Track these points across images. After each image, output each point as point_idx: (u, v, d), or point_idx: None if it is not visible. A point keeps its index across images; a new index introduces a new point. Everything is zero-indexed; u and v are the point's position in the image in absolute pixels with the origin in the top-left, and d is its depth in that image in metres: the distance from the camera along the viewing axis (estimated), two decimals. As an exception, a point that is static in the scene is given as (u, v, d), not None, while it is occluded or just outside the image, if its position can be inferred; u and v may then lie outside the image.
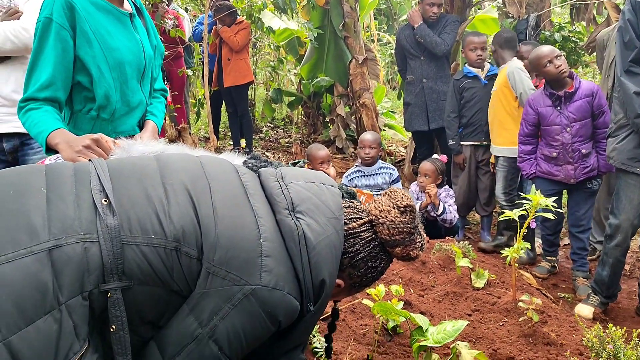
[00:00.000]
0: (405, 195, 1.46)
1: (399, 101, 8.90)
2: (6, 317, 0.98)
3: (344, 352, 2.20)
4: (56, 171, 1.22)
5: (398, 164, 6.45)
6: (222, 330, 1.17)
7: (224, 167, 1.37)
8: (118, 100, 1.98)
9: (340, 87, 6.99)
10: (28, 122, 1.80)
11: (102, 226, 1.11)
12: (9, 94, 2.62)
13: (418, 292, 2.93)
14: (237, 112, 6.75)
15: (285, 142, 8.03)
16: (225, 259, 1.18)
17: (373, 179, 4.53)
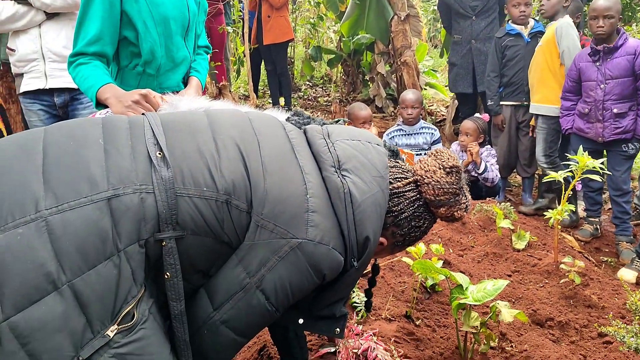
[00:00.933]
0: (452, 156, 1.45)
1: (441, 59, 8.71)
2: (70, 261, 1.04)
3: (383, 307, 2.24)
4: (112, 124, 1.26)
5: (439, 124, 6.36)
6: (269, 281, 1.21)
7: (271, 123, 1.38)
8: (163, 55, 2.00)
9: (381, 45, 6.86)
10: (78, 77, 1.84)
11: (157, 178, 1.15)
12: (60, 50, 2.69)
13: (457, 252, 2.93)
14: (276, 70, 6.72)
15: (324, 100, 7.99)
16: (273, 213, 1.21)
17: (414, 139, 4.49)
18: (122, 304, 1.08)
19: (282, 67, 6.71)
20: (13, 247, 1.01)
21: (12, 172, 1.10)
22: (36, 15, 2.68)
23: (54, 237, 1.03)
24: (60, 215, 1.05)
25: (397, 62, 6.48)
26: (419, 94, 4.70)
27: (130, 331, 1.09)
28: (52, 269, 1.02)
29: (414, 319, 2.21)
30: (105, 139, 1.20)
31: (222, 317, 1.23)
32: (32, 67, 2.75)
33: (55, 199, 1.06)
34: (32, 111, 2.85)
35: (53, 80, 2.72)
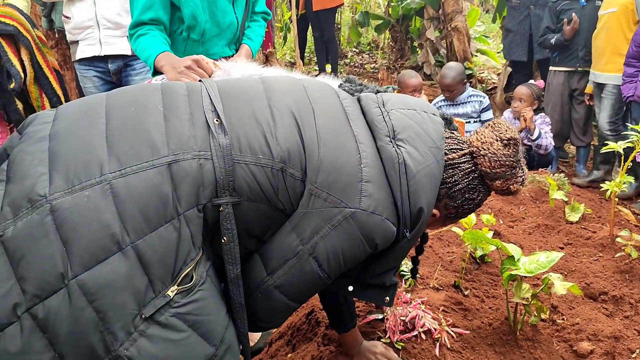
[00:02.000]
0: (510, 127, 1.41)
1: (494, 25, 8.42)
2: (133, 223, 1.07)
3: (431, 277, 2.24)
4: (171, 90, 1.28)
5: (489, 92, 6.19)
6: (321, 249, 1.22)
7: (325, 91, 1.37)
8: (207, 20, 2.00)
9: (431, 10, 6.69)
10: (139, 49, 1.88)
11: (215, 144, 1.17)
12: (114, 17, 2.73)
13: (508, 223, 2.89)
14: (324, 37, 6.65)
15: (370, 67, 7.89)
16: (327, 181, 1.21)
17: (462, 108, 4.39)
18: (182, 266, 1.12)
19: (330, 33, 6.64)
20: (80, 209, 1.05)
21: (78, 137, 1.14)
22: None
23: (118, 200, 1.07)
24: (123, 179, 1.09)
25: (447, 28, 6.31)
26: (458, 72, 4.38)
27: (189, 292, 1.13)
28: (116, 230, 1.06)
29: (462, 289, 2.20)
30: (164, 105, 1.22)
31: (276, 282, 1.26)
32: (87, 35, 2.81)
33: (118, 163, 1.10)
34: (86, 77, 2.93)
35: (107, 47, 2.78)
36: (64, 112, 1.22)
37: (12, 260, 1.04)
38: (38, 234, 1.04)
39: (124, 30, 2.75)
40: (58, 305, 1.03)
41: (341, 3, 6.67)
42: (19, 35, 2.53)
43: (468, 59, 6.14)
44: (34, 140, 1.16)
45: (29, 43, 2.57)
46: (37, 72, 2.63)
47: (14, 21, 2.53)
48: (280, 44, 8.05)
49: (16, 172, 1.11)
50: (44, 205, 1.05)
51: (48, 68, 2.70)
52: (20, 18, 2.57)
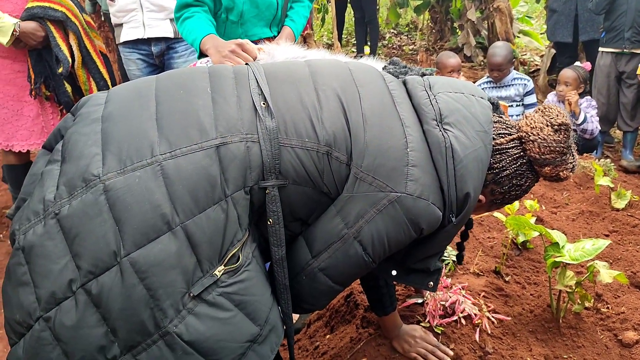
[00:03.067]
0: (561, 112, 1.37)
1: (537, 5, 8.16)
2: (183, 204, 1.10)
3: (471, 262, 2.22)
4: (218, 73, 1.29)
5: (532, 74, 6.03)
6: (366, 233, 1.23)
7: (371, 74, 1.36)
8: (245, 2, 2.00)
9: (472, -10, 6.53)
10: (185, 32, 1.90)
11: (262, 127, 1.18)
12: (157, 0, 2.76)
13: (550, 209, 2.83)
14: (365, 18, 6.57)
15: (409, 49, 7.78)
16: (373, 165, 1.20)
17: (505, 91, 4.29)
18: (229, 246, 1.14)
19: (371, 14, 6.55)
20: (132, 189, 1.08)
21: (129, 119, 1.17)
22: None
23: (168, 181, 1.09)
24: (173, 160, 1.11)
25: (489, 9, 6.16)
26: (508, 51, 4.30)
27: (236, 272, 1.15)
28: (166, 210, 1.08)
29: (503, 275, 2.18)
30: (212, 88, 1.23)
31: (320, 265, 1.27)
32: (131, 17, 2.84)
33: (168, 145, 1.12)
34: (130, 60, 2.98)
35: (151, 29, 2.81)
36: (116, 95, 1.25)
37: (68, 237, 1.08)
38: (92, 213, 1.07)
39: (167, 13, 2.78)
40: (111, 281, 1.06)
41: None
42: (67, 21, 2.58)
43: (510, 40, 5.98)
44: (88, 121, 1.19)
45: (77, 29, 2.62)
46: (85, 57, 2.69)
47: (63, 7, 2.59)
48: (318, 25, 8.01)
49: (71, 153, 1.15)
50: (97, 185, 1.08)
51: (95, 52, 2.75)
52: (68, 4, 2.62)
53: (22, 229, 1.12)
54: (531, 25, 7.41)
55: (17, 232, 1.13)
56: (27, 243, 1.10)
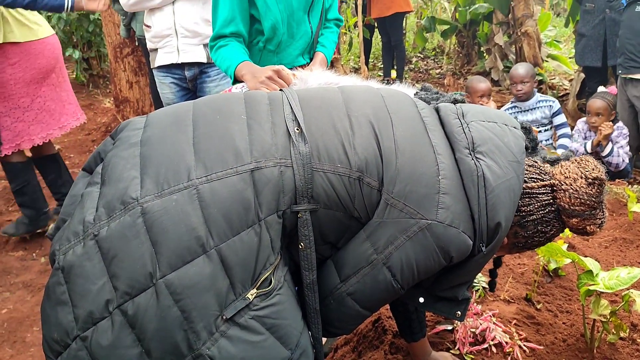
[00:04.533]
0: (598, 167, 1.35)
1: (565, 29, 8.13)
2: (217, 227, 1.12)
3: (501, 289, 2.18)
4: (254, 99, 1.32)
5: (561, 98, 5.97)
6: (396, 259, 1.23)
7: (403, 101, 1.37)
8: (284, 32, 2.04)
9: (500, 14, 6.53)
10: (219, 59, 1.95)
11: (295, 152, 1.20)
12: (191, 26, 2.84)
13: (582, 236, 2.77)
14: (391, 42, 6.63)
15: (436, 73, 7.79)
16: (404, 192, 1.21)
17: (531, 114, 4.26)
18: (261, 270, 1.15)
19: (397, 38, 6.61)
20: (169, 212, 1.10)
21: (167, 143, 1.20)
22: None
23: (204, 204, 1.12)
24: (209, 184, 1.13)
25: (517, 33, 6.14)
26: (530, 67, 4.36)
27: (268, 296, 1.16)
28: (202, 233, 1.10)
29: (534, 303, 2.14)
30: (247, 114, 1.26)
31: (349, 290, 1.27)
32: (166, 43, 2.92)
33: (205, 169, 1.15)
34: (164, 84, 3.05)
35: (185, 54, 2.89)
36: (155, 119, 1.29)
37: (106, 258, 1.11)
38: (130, 235, 1.10)
39: (201, 39, 2.85)
40: (146, 303, 1.08)
41: (401, 11, 6.61)
42: None
43: (539, 64, 5.96)
44: (127, 145, 1.23)
45: None
46: None
47: None
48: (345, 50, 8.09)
49: (111, 175, 1.18)
50: (135, 207, 1.11)
51: None
52: None
53: (62, 249, 1.15)
54: (560, 50, 7.37)
55: (57, 252, 1.17)
56: (67, 263, 1.13)
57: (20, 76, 2.93)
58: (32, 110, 3.01)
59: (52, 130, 3.12)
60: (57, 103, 3.14)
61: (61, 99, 3.17)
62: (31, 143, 3.03)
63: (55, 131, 3.14)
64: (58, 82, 3.15)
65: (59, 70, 3.15)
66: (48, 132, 3.10)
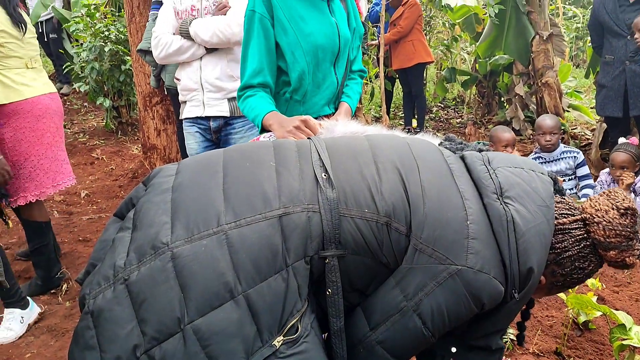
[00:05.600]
0: (627, 197, 1.35)
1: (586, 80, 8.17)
2: (245, 272, 1.12)
3: (530, 342, 2.13)
4: (282, 147, 1.35)
5: (583, 148, 5.93)
6: (426, 306, 1.21)
7: (429, 148, 1.39)
8: (310, 82, 2.09)
9: (520, 65, 6.60)
10: (246, 109, 2.00)
11: (323, 198, 1.21)
12: (215, 81, 2.92)
13: (612, 288, 2.71)
14: (412, 92, 6.73)
15: (456, 122, 7.83)
16: (433, 237, 1.21)
17: (556, 165, 4.24)
18: (288, 317, 1.15)
19: (417, 89, 6.71)
20: (198, 257, 1.12)
21: (198, 189, 1.23)
22: (198, 50, 2.95)
23: (232, 249, 1.13)
24: (238, 230, 1.15)
25: (537, 83, 6.18)
26: (557, 118, 4.40)
27: (295, 343, 1.15)
28: (230, 279, 1.11)
29: (565, 357, 2.07)
30: (276, 161, 1.29)
31: (378, 338, 1.25)
32: (193, 96, 3.02)
33: (234, 215, 1.16)
34: (190, 134, 3.12)
35: (209, 108, 2.96)
36: (186, 166, 1.32)
37: (135, 303, 1.12)
38: (159, 280, 1.11)
39: (225, 93, 2.92)
40: (174, 348, 1.08)
41: (420, 62, 6.72)
42: None
43: (560, 114, 5.96)
44: (159, 191, 1.26)
45: None
46: None
47: None
48: (367, 99, 8.21)
49: (142, 221, 1.20)
50: (166, 252, 1.13)
51: None
52: None
53: (92, 293, 1.17)
54: (581, 100, 7.38)
55: (87, 296, 1.18)
56: (96, 307, 1.14)
57: (10, 136, 2.93)
58: (25, 168, 3.00)
59: (45, 188, 3.09)
60: (52, 162, 3.12)
61: (57, 157, 3.16)
62: (25, 200, 3.02)
63: (49, 189, 3.11)
64: (54, 141, 3.13)
65: (55, 129, 3.12)
66: (42, 190, 3.07)
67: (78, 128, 6.90)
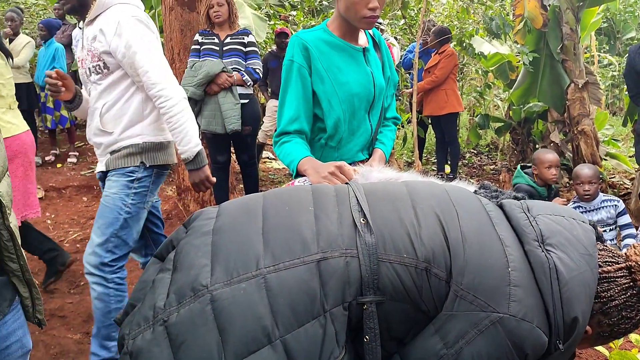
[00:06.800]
0: None
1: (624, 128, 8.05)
2: (283, 317, 1.12)
3: (571, 398, 2.04)
4: (321, 191, 1.37)
5: (622, 197, 5.80)
6: (466, 354, 1.18)
7: (467, 195, 1.39)
8: (345, 129, 2.13)
9: (555, 113, 6.56)
10: (282, 154, 2.05)
11: (361, 243, 1.21)
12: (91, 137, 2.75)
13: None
14: (445, 138, 6.74)
15: (490, 169, 7.77)
16: (473, 284, 1.19)
17: (596, 214, 4.14)
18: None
19: (451, 136, 6.72)
20: (237, 300, 1.12)
21: (238, 232, 1.24)
22: None
23: (270, 293, 1.13)
24: (276, 274, 1.15)
25: (573, 131, 6.13)
26: (596, 168, 4.33)
27: (331, 391, 1.13)
28: (267, 323, 1.11)
29: (609, 417, 1.98)
30: (315, 205, 1.30)
31: None
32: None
33: (273, 259, 1.17)
34: None
35: (100, 165, 2.80)
36: (226, 210, 1.34)
37: (174, 345, 1.12)
38: (198, 322, 1.12)
39: (103, 147, 2.67)
40: None
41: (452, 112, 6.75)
42: None
43: (597, 162, 5.87)
44: (199, 234, 1.28)
45: None
46: None
47: None
48: (399, 144, 8.24)
49: (183, 263, 1.22)
50: (205, 295, 1.14)
51: None
52: None
53: (132, 334, 1.18)
54: (618, 148, 7.26)
55: (126, 336, 1.19)
56: (135, 348, 1.15)
57: None
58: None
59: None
60: (21, 193, 3.31)
61: (27, 190, 3.36)
62: None
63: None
64: (25, 174, 3.34)
65: (28, 164, 3.35)
66: None
67: (116, 169, 7.07)
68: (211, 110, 4.40)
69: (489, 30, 6.09)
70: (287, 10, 8.76)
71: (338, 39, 2.11)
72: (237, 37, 4.61)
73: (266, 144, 7.61)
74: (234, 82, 4.42)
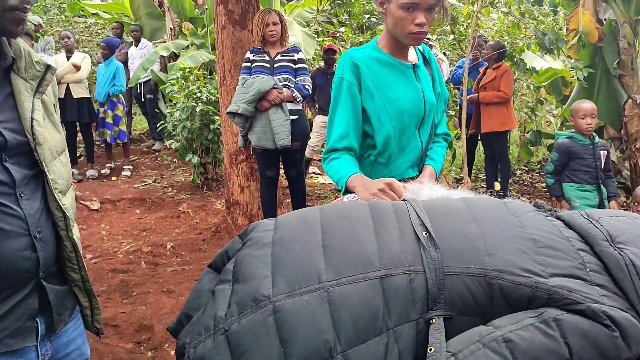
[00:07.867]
0: None
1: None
2: (345, 332, 1.10)
3: None
4: (379, 207, 1.35)
5: (686, 218, 5.53)
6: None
7: (525, 207, 1.35)
8: (395, 146, 2.11)
9: (611, 130, 6.35)
10: (331, 170, 2.05)
11: (427, 257, 1.19)
12: None
13: None
14: (495, 155, 6.62)
15: (541, 187, 7.56)
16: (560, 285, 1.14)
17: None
18: None
19: (502, 152, 6.60)
20: (299, 312, 1.12)
21: (299, 245, 1.24)
22: None
23: (333, 307, 1.12)
24: (339, 288, 1.14)
25: (631, 148, 5.92)
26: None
27: (392, 410, 1.11)
28: (329, 337, 1.10)
29: None
30: (374, 220, 1.29)
31: None
32: None
33: (335, 273, 1.16)
34: None
35: None
36: (284, 222, 1.35)
37: (234, 354, 1.12)
38: (260, 332, 1.12)
39: None
40: None
41: (512, 128, 6.63)
42: None
43: (657, 181, 5.63)
44: (259, 245, 1.28)
45: None
46: None
47: None
48: (448, 161, 8.13)
49: (244, 273, 1.23)
50: (267, 305, 1.14)
51: None
52: None
53: (193, 342, 1.19)
54: (680, 166, 6.93)
55: (187, 345, 1.20)
56: (197, 356, 1.16)
57: None
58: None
59: None
60: None
61: None
62: None
63: None
64: None
65: None
66: None
67: (167, 182, 7.27)
68: (262, 126, 4.47)
69: (542, 45, 5.96)
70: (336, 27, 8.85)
71: (388, 55, 2.11)
72: (287, 55, 4.69)
73: (313, 159, 7.66)
74: (284, 98, 4.49)
